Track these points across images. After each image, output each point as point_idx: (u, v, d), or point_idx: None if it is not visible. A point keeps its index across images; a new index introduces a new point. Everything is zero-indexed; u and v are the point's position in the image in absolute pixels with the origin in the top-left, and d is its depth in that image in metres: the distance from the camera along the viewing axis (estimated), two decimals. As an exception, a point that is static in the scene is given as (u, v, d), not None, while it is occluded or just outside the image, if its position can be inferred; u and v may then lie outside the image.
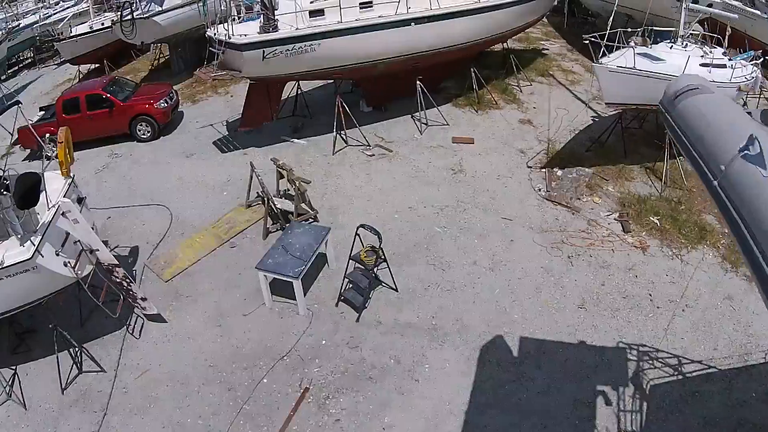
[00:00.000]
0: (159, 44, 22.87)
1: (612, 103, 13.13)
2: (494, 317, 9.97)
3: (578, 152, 14.45)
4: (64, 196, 9.40)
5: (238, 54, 13.35)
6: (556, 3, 20.51)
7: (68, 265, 9.08)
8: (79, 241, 9.38)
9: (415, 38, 14.51)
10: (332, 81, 16.83)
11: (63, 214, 9.15)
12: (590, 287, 10.41)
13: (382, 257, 10.12)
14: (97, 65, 24.27)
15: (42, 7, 30.73)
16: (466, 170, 13.65)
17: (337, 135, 14.76)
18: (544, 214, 12.41)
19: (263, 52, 13.20)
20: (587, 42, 12.75)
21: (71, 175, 10.24)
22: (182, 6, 19.83)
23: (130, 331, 10.32)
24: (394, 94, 16.28)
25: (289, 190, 12.46)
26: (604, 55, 12.92)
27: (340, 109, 14.48)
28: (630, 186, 13.30)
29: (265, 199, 11.90)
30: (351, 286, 10.29)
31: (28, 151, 17.44)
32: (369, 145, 14.63)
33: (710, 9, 15.51)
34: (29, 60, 30.87)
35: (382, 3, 14.08)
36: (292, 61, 13.54)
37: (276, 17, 13.40)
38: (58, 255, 9.00)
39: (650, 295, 10.18)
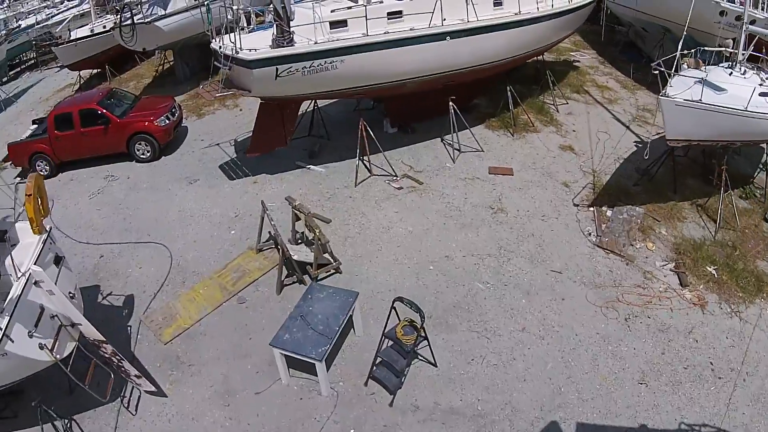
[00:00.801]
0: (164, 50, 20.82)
1: (674, 140, 11.12)
2: (547, 399, 8.18)
3: (626, 186, 12.51)
4: (36, 261, 7.46)
5: (247, 71, 11.28)
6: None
7: (45, 347, 7.17)
8: (57, 315, 7.48)
9: (450, 54, 12.45)
10: (351, 97, 14.83)
11: (35, 283, 7.24)
12: (650, 357, 8.81)
13: (423, 335, 8.20)
14: (98, 70, 22.28)
15: (45, 7, 28.62)
16: (507, 209, 11.66)
17: (360, 162, 12.80)
18: (597, 264, 10.49)
19: (276, 70, 11.13)
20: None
21: (47, 228, 8.31)
22: (187, 10, 17.74)
23: (125, 404, 8.46)
24: (422, 114, 14.28)
25: (305, 233, 10.53)
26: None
27: (364, 134, 12.49)
28: (683, 227, 11.48)
29: (279, 247, 9.96)
30: (382, 362, 8.38)
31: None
32: (396, 176, 12.61)
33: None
34: (32, 61, 28.82)
35: (414, 13, 12.03)
36: (310, 80, 11.48)
37: (291, 29, 11.38)
38: (31, 336, 7.09)
39: (711, 363, 8.76)
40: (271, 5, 10.97)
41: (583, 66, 19.43)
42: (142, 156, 14.94)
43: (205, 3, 12.86)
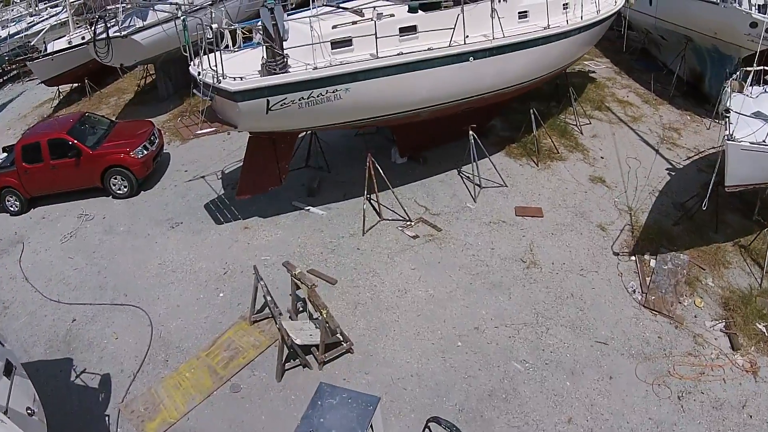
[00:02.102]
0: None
1: (734, 185, 9.17)
2: None
3: (666, 226, 10.59)
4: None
5: (232, 104, 9.10)
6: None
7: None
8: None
9: (474, 77, 10.35)
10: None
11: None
12: (706, 443, 7.00)
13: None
14: (77, 84, 19.90)
15: (28, 14, 25.92)
16: (541, 261, 9.65)
17: (367, 204, 10.70)
18: (645, 330, 8.60)
19: (267, 102, 8.98)
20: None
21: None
22: (168, 20, 15.36)
23: None
24: (434, 141, 12.20)
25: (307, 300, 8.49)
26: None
27: (371, 172, 10.41)
28: (728, 275, 9.68)
29: (279, 329, 7.90)
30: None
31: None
32: (410, 221, 10.54)
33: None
34: (14, 72, 26.21)
35: (431, 30, 9.92)
36: (309, 112, 9.33)
37: (285, 52, 9.19)
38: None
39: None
40: (260, 22, 8.81)
41: (600, 77, 17.39)
42: (118, 192, 12.75)
43: (181, 17, 10.57)
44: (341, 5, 10.42)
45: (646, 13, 17.41)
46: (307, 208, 11.17)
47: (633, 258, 9.94)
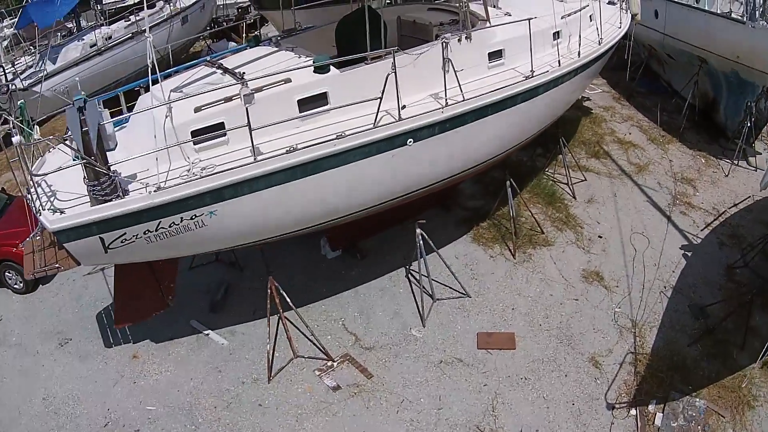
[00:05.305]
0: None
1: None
2: None
3: (680, 352, 7.27)
4: None
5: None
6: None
7: None
8: None
9: (416, 165, 6.81)
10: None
11: None
12: None
13: None
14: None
15: None
16: (506, 427, 6.35)
17: (275, 340, 7.30)
18: None
19: (101, 240, 5.69)
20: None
21: None
22: (84, 59, 11.91)
23: None
24: (376, 229, 8.70)
25: None
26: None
27: (276, 297, 7.06)
28: (754, 419, 6.51)
29: None
30: None
31: None
32: (332, 361, 7.18)
33: None
34: None
35: (345, 100, 6.38)
36: (167, 244, 5.96)
37: (114, 171, 5.53)
38: None
39: None
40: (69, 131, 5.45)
41: (595, 107, 13.65)
42: (15, 286, 9.66)
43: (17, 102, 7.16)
44: (223, 62, 6.89)
45: (651, 28, 13.51)
46: (206, 332, 7.85)
47: (633, 412, 6.57)
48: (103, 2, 14.27)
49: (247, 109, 5.46)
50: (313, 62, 6.36)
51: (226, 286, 8.47)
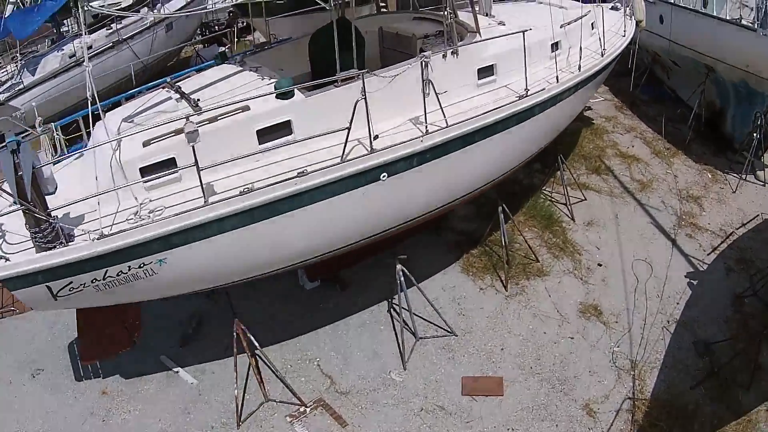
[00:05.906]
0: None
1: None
2: None
3: (682, 395, 6.65)
4: None
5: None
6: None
7: None
8: None
9: (391, 201, 6.18)
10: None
11: None
12: None
13: None
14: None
15: None
16: (491, 496, 5.79)
17: (246, 383, 6.75)
18: None
19: (48, 289, 5.14)
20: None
21: None
22: (62, 71, 11.36)
23: None
24: (356, 258, 7.97)
25: None
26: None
27: (243, 340, 6.46)
28: None
29: None
30: None
31: None
32: (305, 406, 6.55)
33: None
34: None
35: (308, 136, 5.68)
36: (117, 292, 5.41)
37: (54, 217, 4.98)
38: None
39: None
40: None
41: (597, 116, 12.95)
42: None
43: None
44: (182, 85, 6.27)
45: (656, 33, 12.78)
46: (176, 370, 7.31)
47: (634, 468, 6.00)
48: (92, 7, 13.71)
49: (193, 147, 4.84)
50: (275, 87, 5.73)
51: (199, 317, 7.90)
